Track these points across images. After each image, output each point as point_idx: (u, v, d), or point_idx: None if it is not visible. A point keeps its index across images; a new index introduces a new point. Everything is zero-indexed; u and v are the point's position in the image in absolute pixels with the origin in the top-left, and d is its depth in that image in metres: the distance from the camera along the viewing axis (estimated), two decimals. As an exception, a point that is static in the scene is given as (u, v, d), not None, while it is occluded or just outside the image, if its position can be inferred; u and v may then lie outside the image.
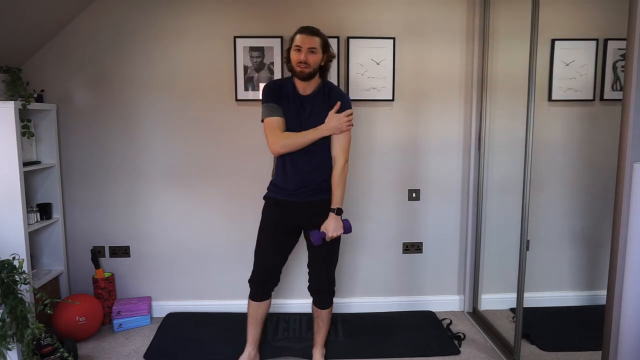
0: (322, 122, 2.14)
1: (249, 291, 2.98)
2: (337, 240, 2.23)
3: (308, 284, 2.36)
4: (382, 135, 2.92)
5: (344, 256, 3.00)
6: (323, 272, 2.29)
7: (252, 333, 2.38)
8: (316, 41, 2.08)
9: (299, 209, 2.21)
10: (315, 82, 2.16)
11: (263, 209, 2.32)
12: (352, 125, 2.17)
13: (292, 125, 2.15)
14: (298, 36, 2.09)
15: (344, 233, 2.19)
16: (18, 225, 2.37)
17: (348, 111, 2.14)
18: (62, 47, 2.76)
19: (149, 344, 2.63)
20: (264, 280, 2.32)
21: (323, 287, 2.32)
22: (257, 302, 2.34)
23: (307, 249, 2.32)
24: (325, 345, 2.47)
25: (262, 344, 2.54)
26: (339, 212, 2.16)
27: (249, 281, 2.35)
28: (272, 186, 2.28)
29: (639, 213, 1.62)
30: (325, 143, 2.17)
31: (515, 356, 2.42)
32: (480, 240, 2.97)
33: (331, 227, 2.14)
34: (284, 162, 2.19)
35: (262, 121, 2.18)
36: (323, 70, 2.17)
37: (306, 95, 2.17)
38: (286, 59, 2.16)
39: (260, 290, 2.33)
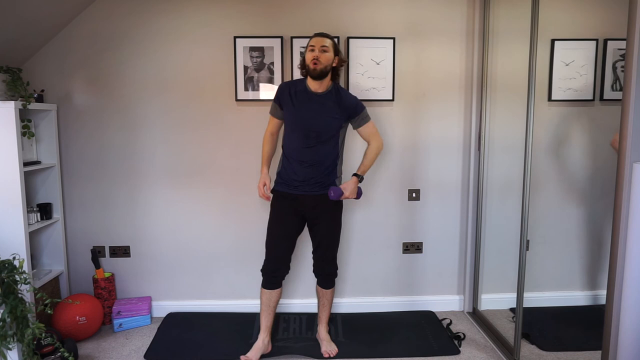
0: (331, 117, 2.34)
1: (248, 290, 2.97)
2: (339, 226, 2.49)
3: (313, 267, 2.55)
4: (382, 135, 2.91)
5: (344, 256, 3.00)
6: (328, 255, 2.50)
7: (266, 320, 2.52)
8: (327, 42, 2.30)
9: (303, 202, 2.39)
10: (327, 83, 2.35)
11: (271, 201, 2.49)
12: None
13: (300, 118, 2.35)
14: (312, 39, 2.32)
15: (356, 198, 2.43)
16: (18, 225, 2.37)
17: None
18: (62, 47, 2.77)
19: (149, 344, 2.63)
20: (276, 268, 2.47)
21: (328, 270, 2.53)
22: (270, 291, 2.48)
23: (311, 236, 2.51)
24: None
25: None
26: (361, 179, 2.43)
27: (262, 270, 2.49)
28: (278, 177, 2.47)
29: (639, 213, 1.62)
30: (329, 139, 2.36)
31: (515, 356, 2.42)
32: (480, 240, 2.97)
33: (349, 188, 2.36)
34: (287, 155, 2.42)
35: None
36: (334, 72, 2.37)
37: (318, 93, 2.35)
38: (301, 64, 2.38)
39: (273, 278, 2.47)
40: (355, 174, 2.42)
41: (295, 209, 2.41)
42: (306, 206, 2.40)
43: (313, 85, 2.33)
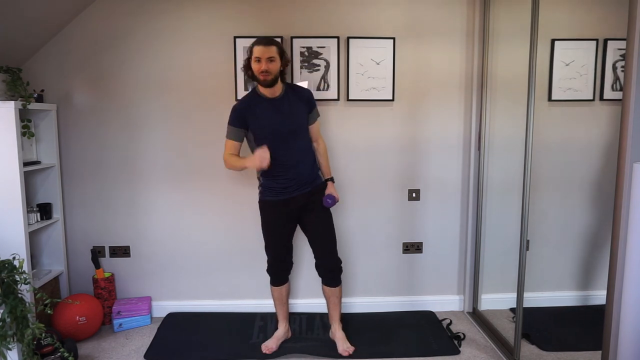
0: (298, 113, 2.38)
1: (248, 290, 2.97)
2: (330, 217, 2.51)
3: (316, 267, 2.53)
4: (382, 135, 2.92)
5: (344, 256, 2.99)
6: (327, 248, 2.50)
7: (282, 311, 2.64)
8: (273, 50, 2.26)
9: (294, 203, 2.42)
10: (279, 85, 2.36)
11: (261, 211, 2.51)
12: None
13: (272, 125, 2.34)
14: (256, 48, 2.26)
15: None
16: (18, 225, 2.37)
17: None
18: (62, 47, 2.77)
19: (149, 344, 2.63)
20: (280, 267, 2.56)
21: (331, 264, 2.51)
22: (279, 287, 2.59)
23: (305, 233, 2.53)
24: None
25: (262, 345, 2.55)
26: (333, 180, 2.57)
27: (268, 271, 2.57)
28: (266, 189, 2.46)
29: (639, 213, 1.62)
30: (303, 136, 2.42)
31: (515, 356, 2.42)
32: (480, 240, 2.97)
33: (335, 192, 2.50)
34: (269, 166, 2.31)
35: None
36: (282, 74, 2.36)
37: (276, 97, 2.36)
38: (245, 68, 2.35)
39: (280, 275, 2.58)
40: (330, 179, 2.53)
41: (286, 214, 2.44)
42: (297, 206, 2.42)
43: (268, 91, 2.34)
